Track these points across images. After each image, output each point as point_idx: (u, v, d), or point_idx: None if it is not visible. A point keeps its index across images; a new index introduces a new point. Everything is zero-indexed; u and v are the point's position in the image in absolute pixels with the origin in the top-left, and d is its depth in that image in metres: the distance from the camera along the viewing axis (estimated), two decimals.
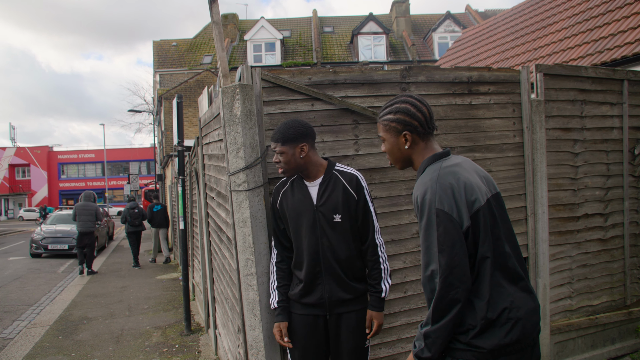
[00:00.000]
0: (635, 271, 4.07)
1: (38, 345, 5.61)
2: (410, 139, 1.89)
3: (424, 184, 1.78)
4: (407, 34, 29.54)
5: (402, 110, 1.88)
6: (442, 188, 1.72)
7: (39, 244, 13.97)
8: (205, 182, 4.42)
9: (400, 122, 1.88)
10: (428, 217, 1.71)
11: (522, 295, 1.76)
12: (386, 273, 2.49)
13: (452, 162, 1.83)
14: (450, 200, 1.70)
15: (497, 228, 1.77)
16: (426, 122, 1.88)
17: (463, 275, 1.67)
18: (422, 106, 1.89)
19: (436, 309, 1.68)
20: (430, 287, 1.71)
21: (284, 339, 2.54)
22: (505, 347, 1.70)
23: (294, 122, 2.49)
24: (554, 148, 3.64)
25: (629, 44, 6.46)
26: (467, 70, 3.33)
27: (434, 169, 1.80)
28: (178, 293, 8.18)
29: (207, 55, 29.23)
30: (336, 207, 2.45)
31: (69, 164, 50.98)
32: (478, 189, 1.76)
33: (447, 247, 1.67)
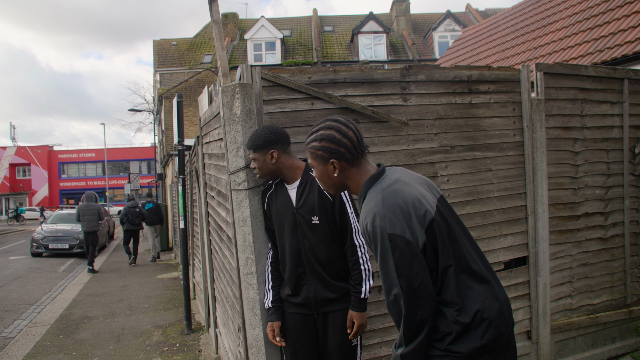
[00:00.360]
0: (635, 270, 4.07)
1: (39, 344, 5.62)
2: (339, 167, 1.81)
3: (370, 210, 1.70)
4: (407, 33, 29.52)
5: (326, 138, 1.80)
6: (390, 211, 1.65)
7: (40, 243, 13.98)
8: (205, 181, 4.42)
9: (326, 150, 1.80)
10: (382, 244, 1.65)
11: (491, 292, 1.74)
12: (367, 274, 2.47)
13: (391, 180, 1.75)
14: (400, 222, 1.64)
15: (452, 232, 1.74)
16: (354, 147, 1.79)
17: (427, 294, 1.64)
18: (349, 130, 1.80)
19: (407, 331, 1.66)
20: (396, 309, 1.67)
21: (276, 338, 2.59)
22: (482, 348, 1.68)
23: (263, 129, 2.53)
24: (554, 147, 3.63)
25: (630, 43, 6.45)
26: (467, 69, 3.33)
27: (376, 192, 1.73)
28: (179, 292, 8.18)
29: (207, 54, 29.22)
30: (313, 210, 2.47)
31: (69, 164, 50.99)
32: (425, 200, 1.71)
33: (405, 270, 1.62)
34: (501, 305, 1.74)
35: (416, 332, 1.65)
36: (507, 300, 1.79)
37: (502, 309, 1.74)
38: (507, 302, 1.78)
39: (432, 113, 3.21)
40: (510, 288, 3.46)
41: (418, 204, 1.68)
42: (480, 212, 3.34)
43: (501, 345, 1.73)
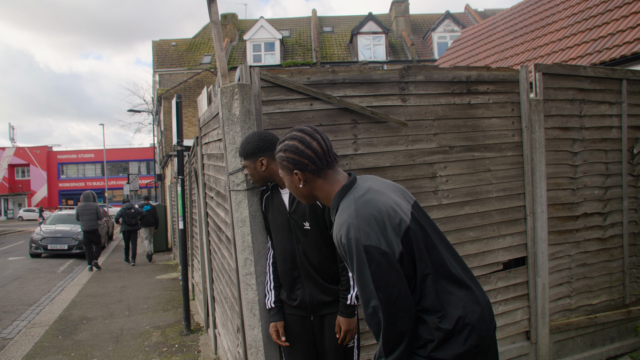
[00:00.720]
0: (634, 270, 4.07)
1: (38, 345, 5.61)
2: (303, 177, 1.78)
3: (343, 222, 1.65)
4: (406, 33, 29.54)
5: (290, 149, 1.78)
6: (364, 222, 1.61)
7: (39, 244, 13.97)
8: (204, 182, 4.42)
9: (289, 161, 1.78)
10: (357, 256, 1.61)
11: (472, 297, 1.72)
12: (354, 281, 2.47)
13: (363, 190, 1.72)
14: (376, 233, 1.60)
15: (429, 238, 1.72)
16: (318, 159, 1.76)
17: (405, 304, 1.62)
18: (313, 141, 1.77)
19: (386, 343, 1.63)
20: (374, 321, 1.64)
21: (281, 339, 2.60)
22: (465, 354, 1.66)
23: (252, 137, 2.53)
24: (553, 147, 3.64)
25: (628, 44, 6.46)
26: (466, 69, 3.34)
27: (348, 203, 1.69)
28: (178, 293, 8.18)
29: (206, 55, 29.23)
30: (304, 215, 2.47)
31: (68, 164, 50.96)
32: (399, 208, 1.68)
33: (383, 283, 1.60)
34: (482, 309, 1.72)
35: (396, 344, 1.63)
36: (488, 303, 1.77)
37: (484, 312, 1.72)
38: (488, 305, 1.77)
39: (431, 113, 3.22)
40: (509, 288, 3.46)
41: (392, 213, 1.65)
42: (479, 213, 3.34)
43: (483, 350, 1.71)
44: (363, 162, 3.03)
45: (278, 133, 2.86)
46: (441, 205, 3.23)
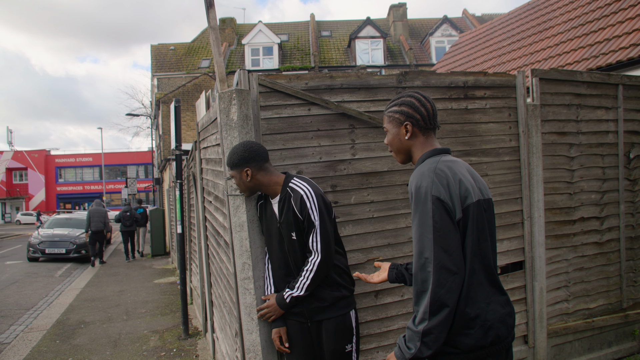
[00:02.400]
0: (631, 274, 4.09)
1: (35, 349, 5.60)
2: (411, 130, 1.94)
3: (421, 173, 1.80)
4: (404, 38, 29.63)
5: (406, 103, 1.95)
6: (438, 178, 1.75)
7: (36, 247, 13.94)
8: (202, 186, 4.43)
9: (403, 114, 1.95)
10: (424, 204, 1.72)
11: (499, 298, 1.79)
12: (303, 284, 2.46)
13: (450, 159, 1.88)
14: (446, 190, 1.73)
15: (484, 230, 1.80)
16: (428, 117, 1.93)
17: (459, 263, 1.67)
18: (427, 102, 1.95)
19: (434, 300, 1.63)
20: (422, 276, 1.68)
21: (284, 344, 2.60)
22: (481, 348, 1.70)
23: (238, 147, 2.54)
24: (550, 152, 3.66)
25: (624, 49, 6.50)
26: (463, 74, 3.36)
27: (433, 161, 1.85)
28: (176, 297, 8.17)
29: (205, 59, 29.27)
30: (290, 227, 2.49)
31: (66, 168, 50.86)
32: (471, 187, 1.79)
33: (443, 234, 1.67)
34: (505, 314, 1.78)
35: (443, 303, 1.64)
36: (512, 312, 1.83)
37: (505, 317, 1.78)
38: (512, 313, 1.82)
39: None
40: None
41: (463, 186, 1.77)
42: None
43: (499, 351, 1.75)
44: (361, 167, 3.04)
45: (276, 138, 2.87)
46: None
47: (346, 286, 2.57)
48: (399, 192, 3.13)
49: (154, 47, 30.87)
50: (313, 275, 2.44)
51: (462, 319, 1.70)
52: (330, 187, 2.97)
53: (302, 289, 2.47)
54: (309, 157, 2.94)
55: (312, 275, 2.44)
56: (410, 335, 1.69)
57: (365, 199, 3.05)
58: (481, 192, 1.85)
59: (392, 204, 3.12)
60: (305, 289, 2.46)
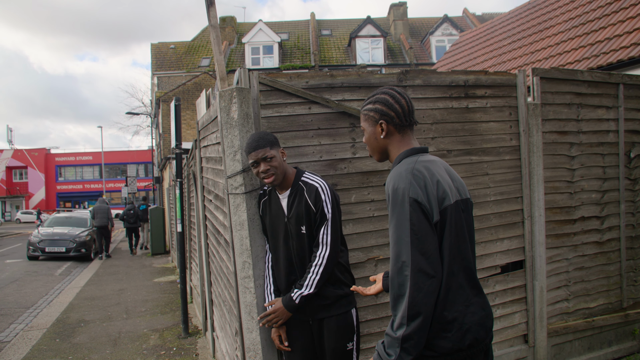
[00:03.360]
0: (631, 274, 4.08)
1: (35, 348, 5.60)
2: (386, 129, 1.89)
3: (398, 174, 1.76)
4: (404, 37, 29.62)
5: (380, 100, 1.91)
6: (416, 179, 1.71)
7: (36, 246, 13.93)
8: (203, 185, 4.42)
9: (377, 112, 1.90)
10: (401, 206, 1.68)
11: (479, 300, 1.77)
12: (311, 282, 2.45)
13: (428, 159, 1.84)
14: (423, 192, 1.69)
15: (463, 231, 1.77)
16: (403, 115, 1.88)
17: (436, 266, 1.64)
18: (402, 99, 1.89)
19: (412, 305, 1.60)
20: (399, 280, 1.64)
21: (284, 343, 2.60)
22: (459, 351, 1.68)
23: (263, 131, 2.56)
24: (551, 151, 3.65)
25: (625, 48, 6.49)
26: (463, 73, 3.35)
27: (410, 161, 1.81)
28: (176, 296, 8.17)
29: (205, 57, 29.25)
30: (301, 220, 2.48)
31: (66, 167, 50.87)
32: (449, 188, 1.77)
33: (421, 237, 1.64)
34: (484, 317, 1.76)
35: (421, 308, 1.61)
36: (491, 314, 1.82)
37: (484, 320, 1.76)
38: (490, 315, 1.81)
39: (429, 117, 3.23)
40: (506, 292, 3.47)
41: (441, 187, 1.74)
42: (476, 216, 3.35)
43: (477, 354, 1.74)
44: (361, 166, 3.04)
45: (277, 137, 2.86)
46: None
47: (348, 284, 2.57)
48: None
49: (154, 45, 30.85)
50: (322, 270, 2.44)
51: (440, 322, 1.68)
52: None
53: (311, 287, 2.45)
54: (309, 155, 2.93)
55: (321, 270, 2.44)
56: (390, 341, 1.65)
57: (366, 198, 3.05)
58: (459, 193, 1.83)
59: None
60: (315, 285, 2.45)
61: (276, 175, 2.49)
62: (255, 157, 2.47)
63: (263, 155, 2.46)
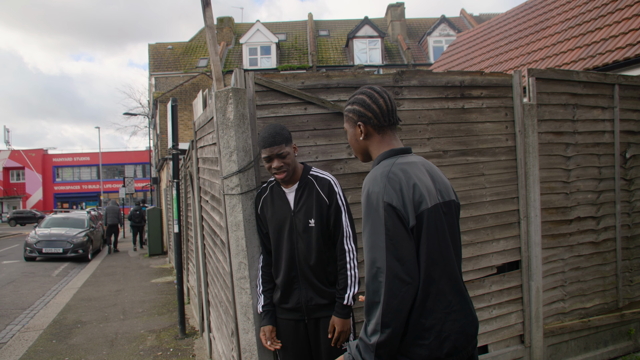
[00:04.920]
0: (627, 274, 4.09)
1: (31, 349, 5.58)
2: (365, 130, 1.84)
3: (374, 177, 1.71)
4: (402, 37, 29.65)
5: (357, 101, 1.85)
6: (391, 182, 1.65)
7: (33, 247, 13.89)
8: (199, 186, 4.42)
9: (355, 113, 1.85)
10: (375, 211, 1.63)
11: (463, 307, 1.70)
12: (353, 280, 2.46)
13: (407, 160, 1.77)
14: (398, 196, 1.63)
15: (445, 235, 1.70)
16: (382, 115, 1.81)
17: (412, 272, 1.59)
18: (380, 98, 1.83)
19: (387, 312, 1.55)
20: (373, 287, 1.59)
21: (268, 342, 2.59)
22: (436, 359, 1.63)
23: (277, 126, 2.52)
24: (546, 152, 3.66)
25: (620, 49, 6.51)
26: (459, 74, 3.36)
27: (388, 163, 1.74)
28: (173, 296, 8.15)
29: (202, 58, 29.23)
30: (310, 213, 2.48)
31: (63, 167, 50.72)
32: (427, 191, 1.69)
33: (396, 242, 1.59)
34: (466, 324, 1.70)
35: (396, 315, 1.56)
36: (475, 321, 1.75)
37: (467, 327, 1.70)
38: (474, 322, 1.74)
39: (425, 118, 3.24)
40: (503, 292, 3.47)
41: (417, 190, 1.67)
42: (472, 217, 3.36)
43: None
44: (357, 167, 3.04)
45: None
46: None
47: None
48: None
49: (151, 46, 30.82)
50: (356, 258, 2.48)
51: (416, 330, 1.63)
52: None
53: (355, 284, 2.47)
54: (305, 156, 2.93)
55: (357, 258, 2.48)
56: (364, 347, 1.60)
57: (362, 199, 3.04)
58: (441, 195, 1.75)
59: None
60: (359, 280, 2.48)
61: (288, 172, 2.48)
62: (270, 152, 2.44)
63: (279, 152, 2.44)
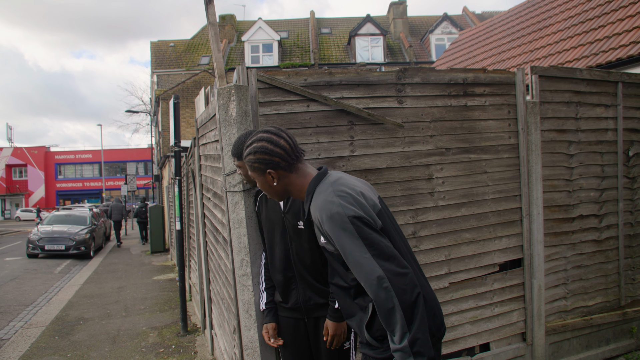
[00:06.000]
0: (629, 272, 4.09)
1: (34, 345, 5.60)
2: (276, 175, 1.86)
3: (323, 204, 1.72)
4: (404, 35, 29.58)
5: (259, 150, 1.84)
6: (344, 199, 1.69)
7: (36, 244, 13.94)
8: (201, 183, 4.42)
9: (261, 162, 1.84)
10: (344, 230, 1.65)
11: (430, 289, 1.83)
12: None
13: (336, 177, 1.82)
14: (357, 207, 1.68)
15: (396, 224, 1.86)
16: (288, 155, 1.83)
17: (402, 260, 1.66)
18: (280, 139, 1.84)
19: (406, 308, 1.58)
20: (384, 296, 1.60)
21: (271, 340, 2.59)
22: (432, 336, 1.72)
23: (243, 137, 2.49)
24: (549, 149, 3.65)
25: (624, 47, 6.49)
26: (462, 71, 3.35)
27: (325, 187, 1.77)
28: (175, 294, 8.17)
29: (204, 56, 29.21)
30: (298, 215, 2.46)
31: (66, 165, 50.82)
32: (371, 194, 1.81)
33: (377, 246, 1.63)
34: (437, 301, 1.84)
35: (415, 303, 1.59)
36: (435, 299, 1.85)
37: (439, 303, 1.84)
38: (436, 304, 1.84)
39: (428, 115, 3.23)
40: (505, 290, 3.47)
41: (367, 195, 1.77)
42: (475, 214, 3.35)
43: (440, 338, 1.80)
44: (359, 164, 3.04)
45: None
46: (437, 207, 3.24)
47: None
48: (397, 189, 3.13)
49: (153, 43, 30.82)
50: None
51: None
52: None
53: None
54: (307, 153, 2.93)
55: None
56: (401, 356, 1.59)
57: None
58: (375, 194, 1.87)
59: (391, 201, 3.11)
60: None
61: (247, 181, 2.63)
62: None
63: (233, 161, 2.57)
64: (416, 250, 3.16)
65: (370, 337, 1.80)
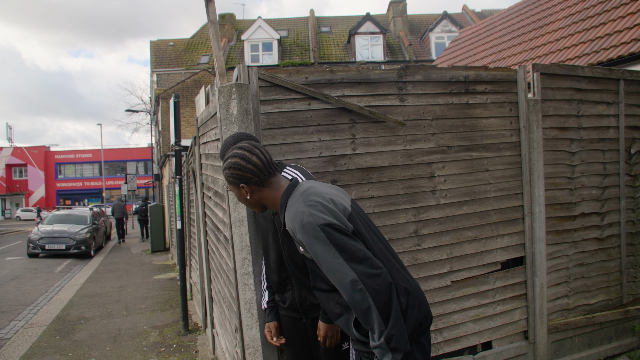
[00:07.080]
0: (631, 270, 4.08)
1: (35, 345, 5.60)
2: (249, 190, 1.95)
3: (294, 215, 1.80)
4: (404, 34, 29.55)
5: (232, 166, 1.94)
6: (314, 208, 1.76)
7: (36, 243, 13.93)
8: (202, 182, 4.42)
9: (235, 177, 1.94)
10: (316, 238, 1.73)
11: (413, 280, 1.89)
12: None
13: (306, 186, 1.89)
14: (327, 213, 1.75)
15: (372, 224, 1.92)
16: (259, 171, 1.92)
17: (376, 262, 1.71)
18: (252, 156, 1.92)
19: (381, 307, 1.65)
20: (359, 298, 1.67)
21: (273, 338, 2.57)
22: (420, 325, 1.78)
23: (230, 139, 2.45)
24: (551, 147, 3.64)
25: (625, 44, 6.47)
26: (464, 69, 3.34)
27: (295, 198, 1.85)
28: (176, 293, 8.17)
29: (204, 55, 29.18)
30: None
31: (66, 164, 50.81)
32: (340, 198, 1.87)
33: (348, 251, 1.70)
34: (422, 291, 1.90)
35: (388, 300, 1.66)
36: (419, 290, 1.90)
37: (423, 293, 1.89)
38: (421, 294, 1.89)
39: (429, 113, 3.22)
40: (507, 288, 3.46)
41: (336, 201, 1.83)
42: (477, 213, 3.35)
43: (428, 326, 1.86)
44: (361, 162, 3.03)
45: (276, 133, 2.86)
46: (439, 205, 3.23)
47: None
48: (399, 187, 3.12)
49: (153, 42, 30.79)
50: None
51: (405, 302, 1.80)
52: (330, 182, 2.96)
53: None
54: (309, 152, 2.92)
55: None
56: (380, 352, 1.67)
57: (366, 194, 3.04)
58: (346, 197, 1.94)
59: (393, 199, 3.11)
60: None
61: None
62: None
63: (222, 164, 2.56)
64: (418, 248, 3.16)
65: (360, 334, 1.87)
